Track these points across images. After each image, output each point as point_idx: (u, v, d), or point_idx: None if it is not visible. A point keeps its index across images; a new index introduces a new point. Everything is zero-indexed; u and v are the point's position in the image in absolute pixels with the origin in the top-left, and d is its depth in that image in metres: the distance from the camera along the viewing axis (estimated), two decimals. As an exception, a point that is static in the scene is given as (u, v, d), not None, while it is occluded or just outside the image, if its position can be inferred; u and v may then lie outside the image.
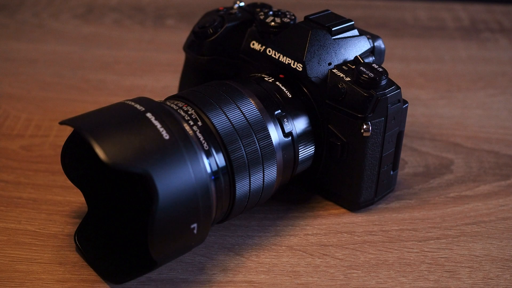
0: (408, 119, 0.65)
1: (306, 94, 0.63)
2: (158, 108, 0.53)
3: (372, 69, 0.60)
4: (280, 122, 0.60)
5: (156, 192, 0.48)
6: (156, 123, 0.51)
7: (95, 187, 0.58)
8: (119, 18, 1.06)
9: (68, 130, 0.56)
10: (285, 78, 0.63)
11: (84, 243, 0.57)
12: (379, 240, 0.62)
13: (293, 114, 0.61)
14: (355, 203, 0.65)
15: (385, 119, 0.60)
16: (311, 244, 0.61)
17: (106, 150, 0.48)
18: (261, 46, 0.66)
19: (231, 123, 0.56)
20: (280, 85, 0.62)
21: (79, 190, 0.59)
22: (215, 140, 0.55)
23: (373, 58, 0.65)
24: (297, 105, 0.62)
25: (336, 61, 0.63)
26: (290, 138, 0.60)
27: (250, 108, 0.58)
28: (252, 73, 0.66)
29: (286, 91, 0.62)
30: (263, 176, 0.58)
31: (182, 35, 0.79)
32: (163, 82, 0.88)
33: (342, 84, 0.60)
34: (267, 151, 0.58)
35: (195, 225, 0.51)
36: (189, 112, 0.56)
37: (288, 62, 0.63)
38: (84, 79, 0.88)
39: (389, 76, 0.60)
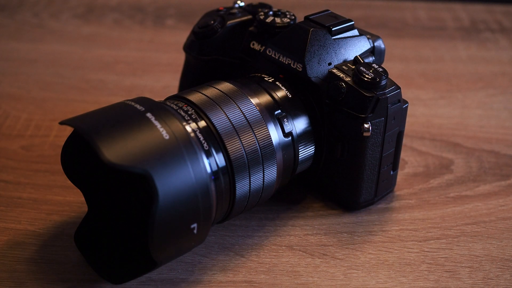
0: (408, 119, 0.65)
1: (306, 94, 0.62)
2: (158, 108, 0.53)
3: (372, 69, 0.60)
4: (280, 122, 0.60)
5: (156, 192, 0.48)
6: (156, 123, 0.51)
7: (95, 187, 0.58)
8: (119, 18, 1.06)
9: (68, 130, 0.56)
10: (285, 78, 0.63)
11: (84, 243, 0.57)
12: (379, 240, 0.62)
13: (293, 114, 0.61)
14: (355, 203, 0.65)
15: (385, 119, 0.60)
16: (311, 244, 0.61)
17: (106, 150, 0.48)
18: (261, 46, 0.66)
19: (231, 123, 0.56)
20: (280, 85, 0.62)
21: (79, 190, 0.59)
22: (215, 140, 0.55)
23: (373, 58, 0.65)
24: (297, 105, 0.62)
25: (336, 61, 0.62)
26: (290, 138, 0.60)
27: (250, 108, 0.58)
28: (252, 73, 0.66)
29: (286, 91, 0.62)
30: (263, 176, 0.58)
31: (182, 35, 0.79)
32: (163, 82, 0.88)
33: (342, 84, 0.60)
34: (267, 151, 0.58)
35: (195, 225, 0.51)
36: (189, 112, 0.56)
37: (288, 62, 0.63)
38: (84, 79, 0.88)
39: (389, 76, 0.60)
